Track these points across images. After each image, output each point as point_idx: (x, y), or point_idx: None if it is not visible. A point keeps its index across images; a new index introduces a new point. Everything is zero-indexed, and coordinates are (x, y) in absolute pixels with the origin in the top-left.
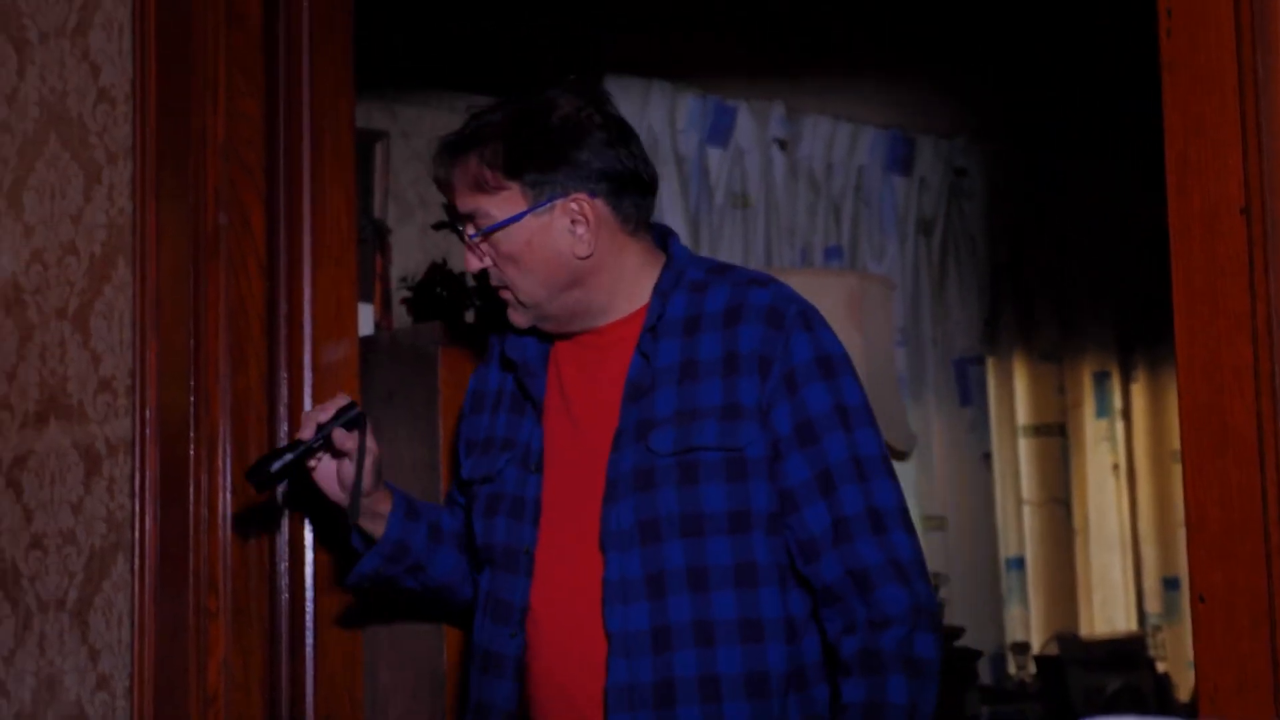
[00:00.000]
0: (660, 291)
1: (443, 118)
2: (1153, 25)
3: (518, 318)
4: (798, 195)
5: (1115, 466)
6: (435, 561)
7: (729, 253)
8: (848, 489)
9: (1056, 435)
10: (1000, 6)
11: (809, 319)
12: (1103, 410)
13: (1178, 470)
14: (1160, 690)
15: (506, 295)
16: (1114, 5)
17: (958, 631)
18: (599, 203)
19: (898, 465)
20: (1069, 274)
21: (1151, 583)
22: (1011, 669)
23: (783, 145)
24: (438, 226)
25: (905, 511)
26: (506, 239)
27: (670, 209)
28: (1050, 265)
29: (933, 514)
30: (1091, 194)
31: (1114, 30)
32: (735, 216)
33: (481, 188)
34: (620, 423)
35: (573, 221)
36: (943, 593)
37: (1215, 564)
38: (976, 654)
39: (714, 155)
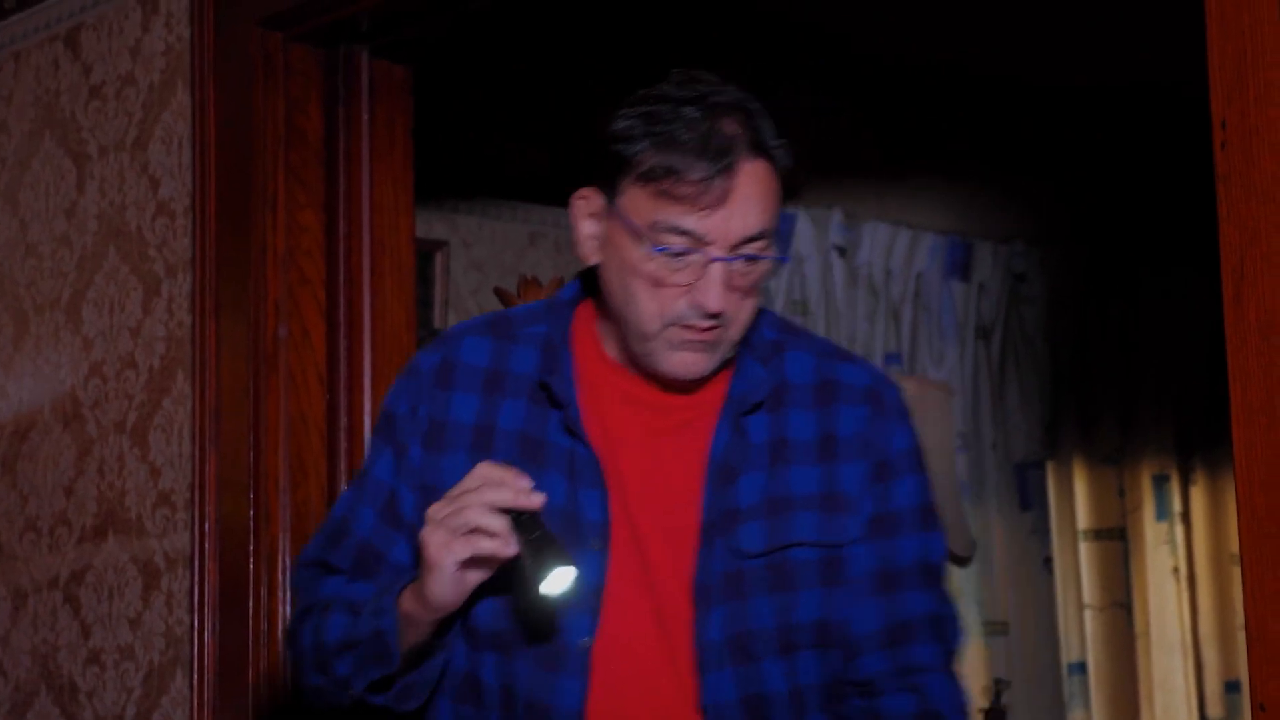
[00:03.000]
0: (752, 351)
1: (502, 227)
2: (1209, 135)
3: (709, 362)
4: (857, 301)
5: (1175, 570)
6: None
7: None
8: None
9: (1117, 539)
10: (1056, 111)
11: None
12: (1162, 513)
13: (1237, 573)
14: None
15: (716, 335)
16: (1171, 113)
17: None
18: None
19: (959, 571)
20: (1128, 377)
21: (1213, 686)
22: None
23: (842, 252)
24: (676, 255)
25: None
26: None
27: None
28: (1109, 368)
29: (995, 619)
30: (1150, 297)
31: (1172, 135)
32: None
33: (780, 195)
34: (706, 513)
35: None
36: (1005, 698)
37: (1276, 673)
38: None
39: None
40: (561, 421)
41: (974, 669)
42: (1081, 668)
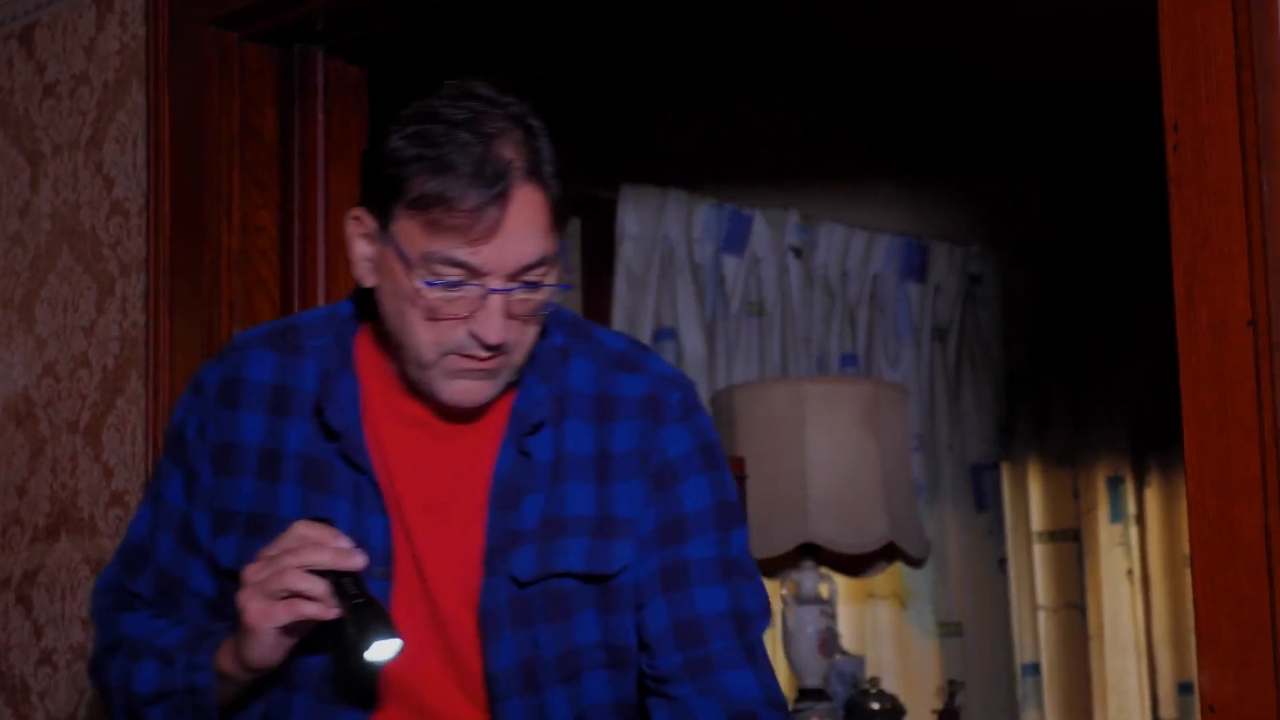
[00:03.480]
0: (536, 364)
1: None
2: (1162, 138)
3: (490, 389)
4: (813, 303)
5: (1129, 572)
6: None
7: (745, 361)
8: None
9: (1071, 541)
10: (1013, 115)
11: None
12: (1117, 515)
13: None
14: None
15: (497, 363)
16: (1126, 118)
17: None
18: None
19: (914, 572)
20: (1083, 379)
21: (1166, 688)
22: None
23: (798, 253)
24: (450, 286)
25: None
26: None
27: (686, 316)
28: (1064, 370)
29: (949, 620)
30: (1105, 300)
31: (1126, 140)
32: (751, 324)
33: (558, 221)
34: (489, 539)
35: None
36: (959, 699)
37: (1226, 675)
38: None
39: (730, 263)
40: (341, 449)
41: (928, 670)
42: (1035, 669)
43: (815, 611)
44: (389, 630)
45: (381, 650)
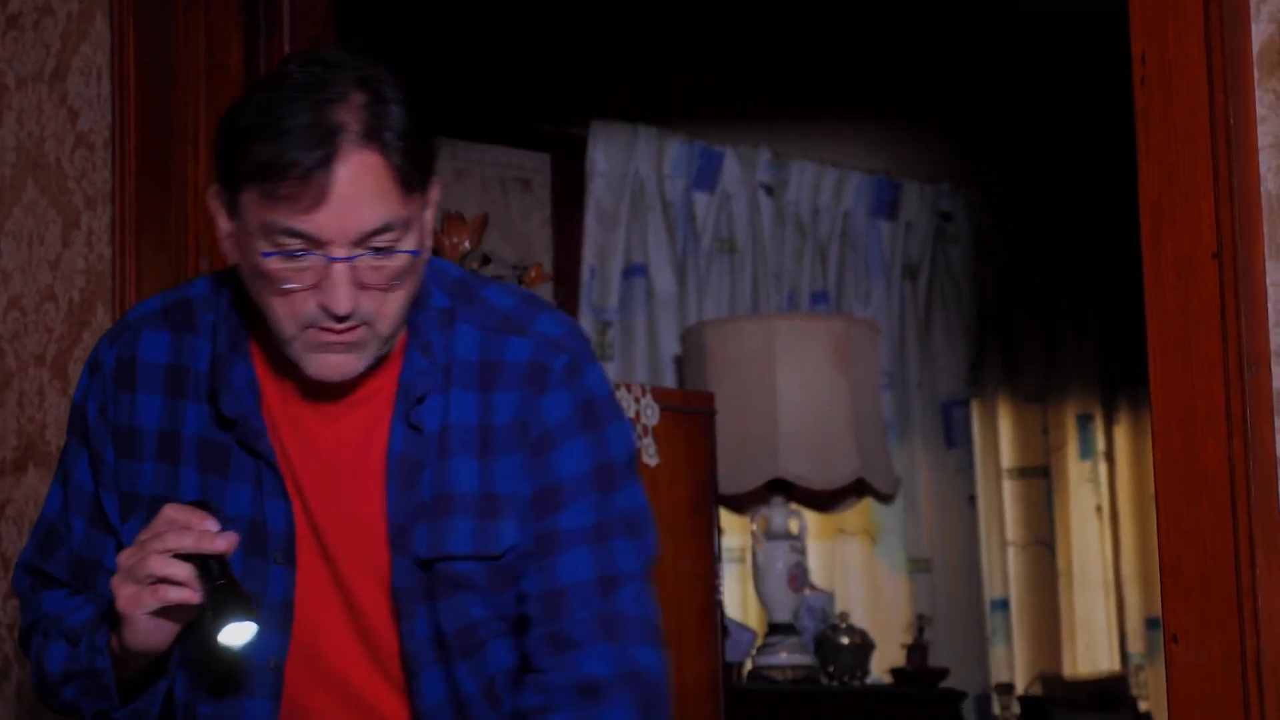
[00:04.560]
0: (418, 332)
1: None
2: (1131, 73)
3: (357, 362)
4: (784, 240)
5: (1098, 508)
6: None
7: (716, 298)
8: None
9: (1040, 477)
10: (984, 53)
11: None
12: (1086, 452)
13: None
14: None
15: (358, 335)
16: (1096, 52)
17: (943, 673)
18: None
19: (884, 508)
20: (1053, 317)
21: (1134, 623)
22: (996, 710)
23: (769, 190)
24: (290, 256)
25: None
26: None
27: (657, 254)
28: (1034, 308)
29: (919, 556)
30: (1075, 236)
31: (1098, 77)
32: (722, 261)
33: (406, 186)
34: (391, 517)
35: (430, 211)
36: (928, 634)
37: (1188, 605)
38: (961, 695)
39: (701, 200)
40: (238, 435)
41: (897, 605)
42: (1004, 604)
43: (785, 547)
44: (245, 613)
45: (235, 633)
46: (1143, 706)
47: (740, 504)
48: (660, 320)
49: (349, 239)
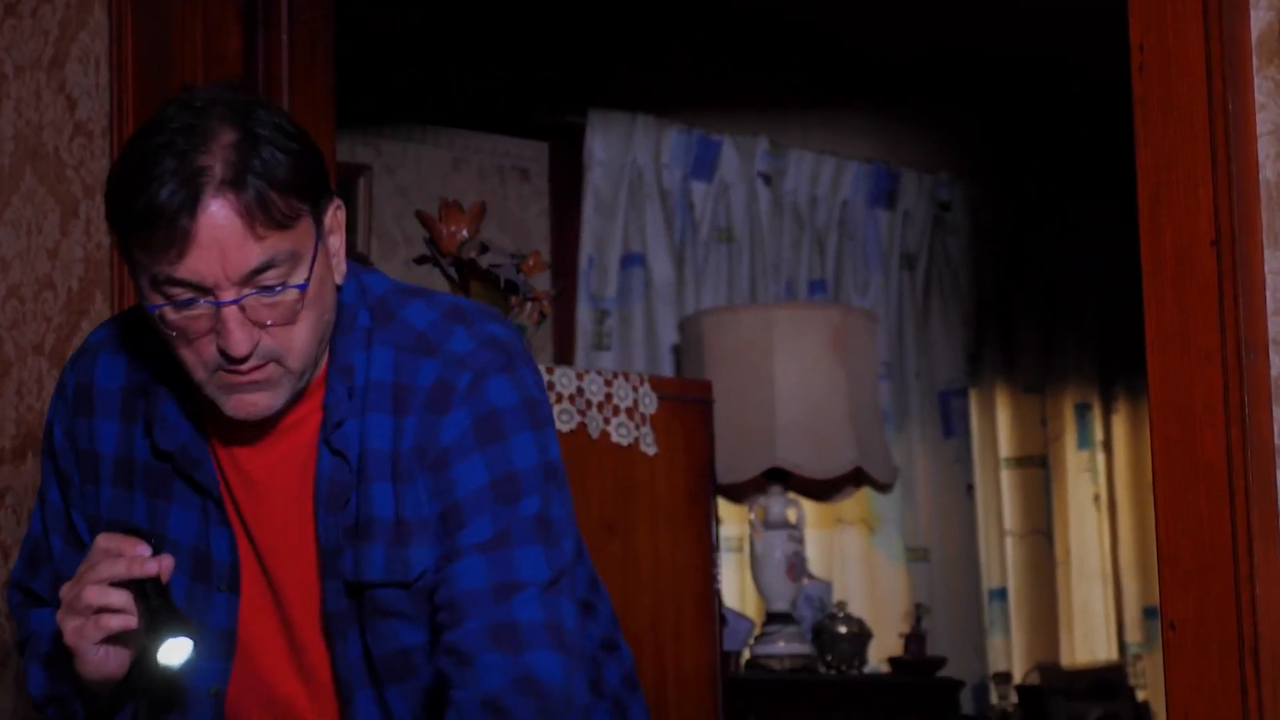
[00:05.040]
0: (338, 357)
1: (427, 152)
2: (1129, 61)
3: (272, 399)
4: (782, 229)
5: (1096, 498)
6: None
7: (714, 288)
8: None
9: (1038, 467)
10: (982, 43)
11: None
12: (1084, 442)
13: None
14: (1141, 718)
15: (267, 373)
16: (1095, 42)
17: (940, 662)
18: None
19: (882, 498)
20: (1051, 306)
21: (1132, 613)
22: (994, 699)
23: (767, 179)
24: (179, 306)
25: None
26: (311, 284)
27: (655, 243)
28: (1032, 298)
29: (916, 546)
30: (1073, 227)
31: (1096, 65)
32: (720, 251)
33: (281, 222)
34: (321, 542)
35: (335, 237)
36: (925, 623)
37: (1186, 593)
38: (959, 684)
39: (698, 189)
40: (177, 468)
41: (895, 595)
42: (1002, 594)
43: (783, 536)
44: (179, 630)
45: (172, 651)
46: (1140, 696)
47: (738, 493)
48: (658, 309)
49: (232, 281)
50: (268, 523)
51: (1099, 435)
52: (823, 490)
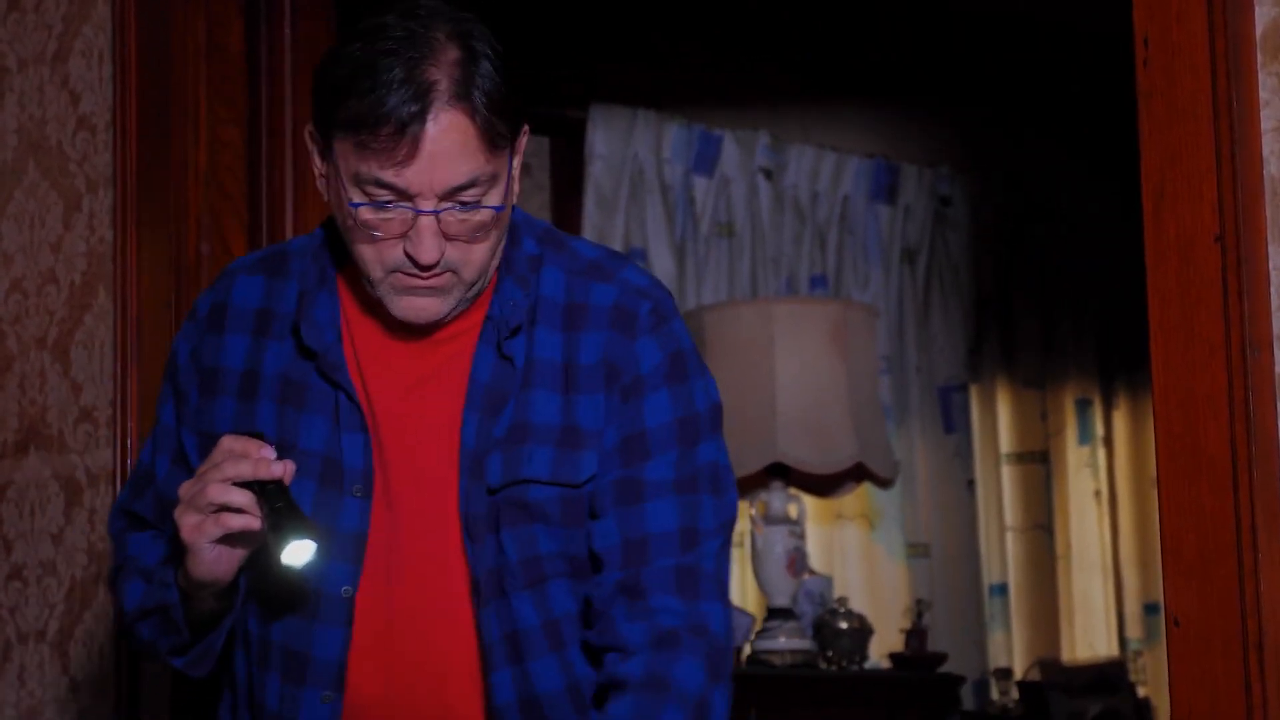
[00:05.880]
0: (510, 270)
1: None
2: (1133, 56)
3: (441, 305)
4: (783, 224)
5: (1097, 493)
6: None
7: (714, 282)
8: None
9: (1039, 462)
10: (983, 36)
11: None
12: (1085, 437)
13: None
14: (1141, 714)
15: (443, 281)
16: (1098, 36)
17: (941, 658)
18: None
19: (882, 493)
20: (1052, 301)
21: (1133, 608)
22: (994, 695)
23: (768, 174)
24: (379, 207)
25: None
26: (504, 206)
27: (656, 238)
28: (1033, 293)
29: (917, 541)
30: (1074, 222)
31: (1098, 59)
32: (721, 245)
33: (494, 142)
34: (465, 444)
35: (518, 159)
36: (926, 619)
37: (1190, 588)
38: (959, 680)
39: (699, 184)
40: (320, 366)
41: (896, 590)
42: (1003, 589)
43: (784, 531)
44: (303, 532)
45: (296, 553)
46: (1141, 692)
47: (739, 488)
48: None
49: (436, 193)
50: (404, 429)
51: (1099, 430)
52: (823, 485)
